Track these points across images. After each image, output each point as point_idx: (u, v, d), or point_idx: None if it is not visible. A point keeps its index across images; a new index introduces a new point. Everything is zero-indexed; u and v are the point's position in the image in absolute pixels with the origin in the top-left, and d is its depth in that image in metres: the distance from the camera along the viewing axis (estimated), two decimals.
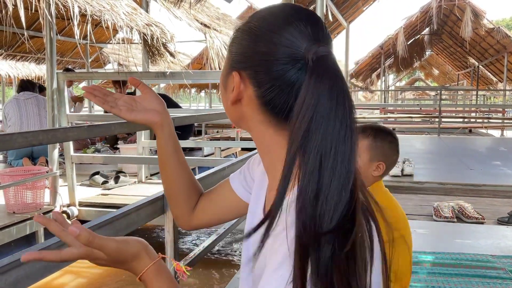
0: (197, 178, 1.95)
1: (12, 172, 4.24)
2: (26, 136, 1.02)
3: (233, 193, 1.05)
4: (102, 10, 2.98)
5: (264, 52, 0.71)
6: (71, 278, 3.93)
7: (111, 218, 1.33)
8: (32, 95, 5.66)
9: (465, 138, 10.47)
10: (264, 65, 0.71)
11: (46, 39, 3.67)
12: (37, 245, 1.10)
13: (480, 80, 19.69)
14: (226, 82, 0.80)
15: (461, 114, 14.51)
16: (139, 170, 5.17)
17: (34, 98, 5.61)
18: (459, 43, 16.35)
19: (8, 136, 0.98)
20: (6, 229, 3.51)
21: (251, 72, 0.74)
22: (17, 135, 1.00)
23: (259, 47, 0.72)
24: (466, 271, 2.56)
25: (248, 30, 0.76)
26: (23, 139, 1.01)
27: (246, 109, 0.77)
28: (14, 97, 5.61)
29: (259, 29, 0.74)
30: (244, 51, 0.76)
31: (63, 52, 9.69)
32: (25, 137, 1.02)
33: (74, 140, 5.60)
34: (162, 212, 1.67)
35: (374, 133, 1.67)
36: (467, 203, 3.76)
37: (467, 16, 11.88)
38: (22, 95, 5.57)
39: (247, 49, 0.75)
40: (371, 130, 1.69)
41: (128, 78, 0.96)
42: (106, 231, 1.33)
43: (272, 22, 0.73)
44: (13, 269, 1.02)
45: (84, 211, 4.16)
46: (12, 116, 5.41)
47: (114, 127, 1.47)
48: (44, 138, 1.10)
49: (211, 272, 4.19)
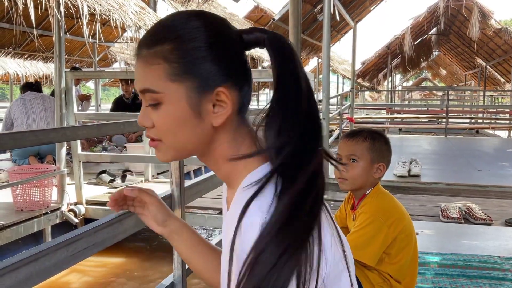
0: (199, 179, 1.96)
1: (20, 170, 4.27)
2: (37, 134, 1.03)
3: None
4: (111, 9, 2.99)
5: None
6: (78, 277, 3.95)
7: (119, 216, 1.34)
8: (38, 95, 5.68)
9: (473, 138, 10.42)
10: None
11: (55, 38, 3.69)
12: (46, 243, 1.11)
13: (488, 80, 19.56)
14: (199, 108, 0.74)
15: (468, 114, 14.43)
16: (146, 169, 5.19)
17: (40, 98, 5.63)
18: (466, 43, 16.26)
19: (19, 134, 0.99)
20: (14, 227, 3.53)
21: (234, 80, 0.75)
22: (28, 133, 1.01)
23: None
24: (474, 272, 2.54)
25: (200, 47, 0.74)
26: (34, 137, 1.02)
27: (225, 124, 0.76)
28: (20, 97, 5.62)
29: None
30: (210, 68, 0.74)
31: (70, 51, 9.72)
32: (36, 135, 1.02)
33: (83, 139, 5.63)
34: None
35: (372, 136, 1.69)
36: (475, 204, 3.74)
37: (475, 16, 11.81)
38: (28, 94, 5.58)
39: (210, 63, 0.75)
40: (367, 133, 1.71)
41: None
42: (115, 229, 1.34)
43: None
44: (23, 267, 1.02)
45: (91, 210, 4.18)
46: (19, 116, 5.43)
47: (123, 126, 1.47)
48: (55, 137, 1.11)
49: None
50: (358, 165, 1.66)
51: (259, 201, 0.68)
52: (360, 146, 1.67)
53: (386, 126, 12.24)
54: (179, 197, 1.64)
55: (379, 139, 1.71)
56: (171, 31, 0.74)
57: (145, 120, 0.77)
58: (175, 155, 0.79)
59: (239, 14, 11.08)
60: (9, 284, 0.98)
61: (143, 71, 0.74)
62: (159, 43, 0.73)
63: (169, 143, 0.77)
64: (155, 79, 0.73)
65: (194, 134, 0.76)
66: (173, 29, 0.74)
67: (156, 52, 0.73)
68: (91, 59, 10.42)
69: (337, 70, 15.95)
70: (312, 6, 8.63)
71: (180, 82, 0.73)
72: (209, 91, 0.73)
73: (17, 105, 5.48)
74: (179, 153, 0.79)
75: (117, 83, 16.98)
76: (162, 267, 4.15)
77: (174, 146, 0.77)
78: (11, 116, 5.51)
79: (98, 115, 6.33)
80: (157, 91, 0.73)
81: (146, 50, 0.74)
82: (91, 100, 7.63)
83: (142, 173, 5.24)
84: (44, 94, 5.97)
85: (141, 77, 0.75)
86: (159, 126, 0.76)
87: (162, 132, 0.76)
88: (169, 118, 0.74)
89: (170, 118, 0.74)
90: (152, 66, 0.73)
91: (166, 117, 0.74)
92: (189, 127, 0.75)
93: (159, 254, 4.53)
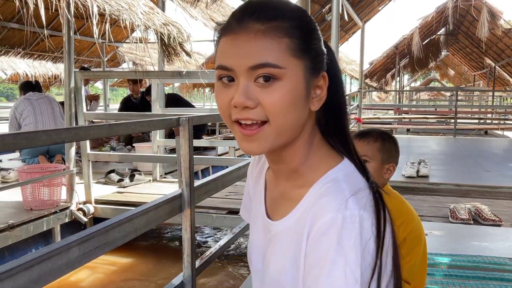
0: (209, 179, 1.97)
1: (29, 169, 4.30)
2: (49, 134, 1.04)
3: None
4: (121, 9, 3.01)
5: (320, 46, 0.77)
6: (87, 275, 3.97)
7: (131, 215, 1.35)
8: (43, 95, 5.71)
9: (481, 139, 10.35)
10: (324, 57, 0.77)
11: (65, 38, 3.71)
12: (59, 241, 1.12)
13: (497, 81, 19.44)
14: (309, 89, 0.73)
15: (476, 115, 14.35)
16: (154, 168, 5.21)
17: (45, 98, 5.66)
18: (475, 43, 16.15)
19: (32, 134, 0.99)
20: (24, 225, 3.56)
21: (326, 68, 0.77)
22: (41, 133, 1.02)
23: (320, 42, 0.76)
24: (484, 273, 2.53)
25: (315, 28, 0.75)
26: (46, 137, 1.02)
27: (313, 112, 0.78)
28: (25, 97, 5.54)
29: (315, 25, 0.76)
30: (321, 50, 0.76)
31: (79, 51, 9.78)
32: (48, 135, 1.03)
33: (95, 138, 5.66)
34: (179, 210, 1.68)
35: (382, 136, 1.70)
36: (484, 205, 3.71)
37: (484, 16, 11.73)
38: (33, 95, 5.57)
39: (321, 46, 0.76)
40: (377, 134, 1.71)
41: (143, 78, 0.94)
42: (126, 229, 1.35)
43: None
44: (37, 265, 1.03)
45: (100, 209, 4.20)
46: (27, 115, 5.43)
47: (134, 126, 1.48)
48: (67, 136, 1.12)
49: (227, 270, 4.21)
50: (370, 165, 1.65)
51: (356, 197, 0.69)
52: (371, 146, 1.67)
53: (394, 127, 12.19)
54: (189, 197, 1.65)
55: (389, 139, 1.71)
56: (290, 10, 0.73)
57: (249, 99, 0.70)
58: (274, 141, 0.72)
59: None
60: (22, 282, 0.99)
61: (262, 44, 0.69)
62: (279, 18, 0.70)
63: (276, 124, 0.71)
64: (278, 53, 0.69)
65: (300, 117, 0.73)
66: (291, 8, 0.73)
67: (278, 26, 0.69)
68: (99, 59, 10.48)
69: (345, 70, 15.91)
70: (321, 6, 8.61)
71: (300, 59, 0.71)
72: (318, 73, 0.74)
73: (24, 105, 5.47)
74: (278, 139, 0.73)
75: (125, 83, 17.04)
76: (171, 266, 4.16)
77: (279, 129, 0.71)
78: (17, 116, 5.52)
79: (107, 115, 6.37)
80: (279, 66, 0.69)
81: (264, 23, 0.69)
82: (99, 100, 7.67)
83: (150, 173, 5.26)
84: (47, 95, 5.99)
85: (258, 51, 0.69)
86: (272, 104, 0.69)
87: (274, 111, 0.70)
88: (286, 96, 0.69)
89: (287, 96, 0.69)
90: (274, 39, 0.69)
91: (283, 95, 0.69)
92: (299, 108, 0.72)
93: (168, 253, 4.55)
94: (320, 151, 0.79)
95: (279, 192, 0.84)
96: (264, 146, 0.72)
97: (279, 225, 0.79)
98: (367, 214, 0.68)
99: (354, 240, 0.65)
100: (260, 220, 0.88)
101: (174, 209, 1.65)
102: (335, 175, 0.74)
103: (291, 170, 0.80)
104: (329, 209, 0.68)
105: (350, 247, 0.65)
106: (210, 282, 3.98)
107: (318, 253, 0.67)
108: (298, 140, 0.77)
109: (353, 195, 0.69)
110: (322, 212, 0.69)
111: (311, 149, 0.78)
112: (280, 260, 0.77)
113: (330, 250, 0.65)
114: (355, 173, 0.76)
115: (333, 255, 0.65)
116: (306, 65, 0.71)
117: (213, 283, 3.97)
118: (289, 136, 0.74)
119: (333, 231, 0.66)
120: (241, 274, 4.09)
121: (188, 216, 1.68)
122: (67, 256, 1.12)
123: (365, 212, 0.68)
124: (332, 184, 0.72)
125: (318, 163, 0.78)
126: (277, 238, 0.79)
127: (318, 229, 0.68)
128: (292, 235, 0.75)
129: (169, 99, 6.34)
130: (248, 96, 0.69)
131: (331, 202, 0.69)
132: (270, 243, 0.81)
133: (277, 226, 0.80)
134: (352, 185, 0.72)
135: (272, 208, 0.86)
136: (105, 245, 1.25)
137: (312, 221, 0.70)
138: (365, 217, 0.67)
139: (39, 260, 1.04)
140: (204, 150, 7.16)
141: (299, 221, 0.74)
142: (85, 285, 3.86)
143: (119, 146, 6.62)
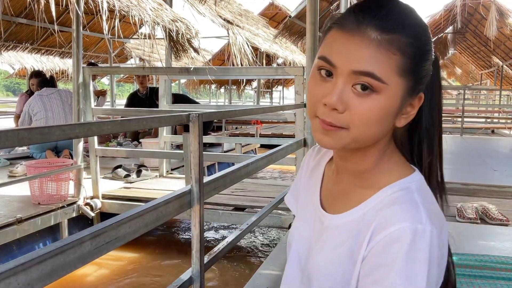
0: (218, 175, 1.97)
1: (37, 164, 4.33)
2: (63, 129, 1.04)
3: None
4: (130, 5, 3.01)
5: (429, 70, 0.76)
6: (94, 269, 3.99)
7: (141, 211, 1.35)
8: (54, 90, 5.74)
9: (489, 138, 10.31)
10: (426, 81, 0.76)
11: (74, 33, 3.72)
12: (71, 236, 1.12)
13: (504, 80, 19.32)
14: (402, 107, 0.73)
15: (483, 114, 14.28)
16: (161, 164, 5.23)
17: (56, 93, 5.68)
18: (483, 42, 16.07)
19: (46, 128, 1.00)
20: (31, 219, 3.58)
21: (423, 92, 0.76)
22: (56, 128, 1.02)
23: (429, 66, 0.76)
24: (491, 273, 2.52)
25: (430, 50, 0.74)
26: (60, 132, 1.03)
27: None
28: (37, 93, 5.65)
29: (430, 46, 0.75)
30: (428, 72, 0.75)
31: (86, 46, 9.80)
32: (62, 130, 1.03)
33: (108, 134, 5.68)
34: (189, 206, 1.68)
35: None
36: (491, 204, 3.70)
37: (492, 15, 11.67)
38: (44, 91, 5.63)
39: (429, 67, 0.75)
40: None
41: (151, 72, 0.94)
42: (136, 224, 1.35)
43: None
44: (50, 259, 1.03)
45: (107, 204, 4.22)
46: (38, 111, 5.49)
47: (145, 122, 1.48)
48: (81, 131, 1.12)
49: (235, 266, 4.22)
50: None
51: (428, 213, 0.70)
52: None
53: None
54: (198, 193, 1.65)
55: None
56: (411, 24, 0.71)
57: (341, 102, 0.69)
58: (348, 144, 0.73)
59: (254, 11, 11.07)
60: (36, 276, 1.00)
61: (374, 54, 0.68)
62: (398, 32, 0.69)
63: (356, 133, 0.71)
64: (385, 67, 0.68)
65: (383, 130, 0.74)
66: (413, 22, 0.72)
67: (393, 40, 0.68)
68: (106, 55, 10.50)
69: None
70: (329, 3, 8.60)
71: (404, 79, 0.70)
72: (416, 93, 0.74)
73: (35, 101, 5.54)
74: (353, 144, 0.73)
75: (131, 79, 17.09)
76: (180, 261, 4.18)
77: (357, 138, 0.72)
78: (29, 111, 5.57)
79: (114, 110, 6.38)
80: (382, 80, 0.68)
81: (382, 34, 0.68)
82: (106, 95, 7.70)
83: (156, 168, 5.28)
84: (60, 89, 6.03)
85: (367, 59, 0.68)
86: (360, 114, 0.69)
87: (358, 121, 0.70)
88: (377, 111, 0.69)
89: (378, 111, 0.69)
90: (386, 54, 0.68)
91: (375, 109, 0.69)
92: (385, 123, 0.72)
93: (177, 249, 4.57)
94: (393, 158, 0.79)
95: (340, 188, 0.84)
96: (337, 144, 0.73)
97: (337, 219, 0.79)
98: (437, 233, 0.68)
99: (423, 254, 0.65)
100: (311, 209, 0.88)
101: (184, 205, 1.65)
102: (408, 185, 0.74)
103: (359, 171, 0.80)
104: (402, 218, 0.68)
105: (419, 260, 0.65)
106: (218, 276, 3.99)
107: (384, 259, 0.67)
108: (373, 147, 0.77)
109: (426, 209, 0.69)
110: (394, 219, 0.68)
111: (384, 156, 0.78)
112: (333, 251, 0.76)
113: (398, 259, 0.65)
114: (427, 187, 0.76)
115: (400, 265, 0.65)
116: (408, 86, 0.71)
117: (220, 279, 3.99)
118: (365, 144, 0.75)
119: (403, 241, 0.66)
120: (249, 269, 4.10)
121: (197, 212, 1.68)
122: (80, 250, 1.12)
123: (435, 230, 0.68)
124: (405, 193, 0.72)
125: (389, 169, 0.78)
126: (332, 231, 0.79)
127: (388, 235, 0.68)
128: (351, 231, 0.75)
129: (176, 100, 6.30)
130: (341, 99, 0.69)
131: (405, 212, 0.69)
132: (322, 233, 0.81)
133: (334, 219, 0.80)
134: (424, 199, 0.72)
135: (328, 201, 0.86)
136: (116, 240, 1.26)
137: (379, 225, 0.70)
138: (435, 236, 0.67)
139: (52, 254, 1.05)
140: (209, 146, 7.17)
141: (362, 219, 0.74)
142: (93, 279, 3.88)
143: (126, 141, 6.64)
